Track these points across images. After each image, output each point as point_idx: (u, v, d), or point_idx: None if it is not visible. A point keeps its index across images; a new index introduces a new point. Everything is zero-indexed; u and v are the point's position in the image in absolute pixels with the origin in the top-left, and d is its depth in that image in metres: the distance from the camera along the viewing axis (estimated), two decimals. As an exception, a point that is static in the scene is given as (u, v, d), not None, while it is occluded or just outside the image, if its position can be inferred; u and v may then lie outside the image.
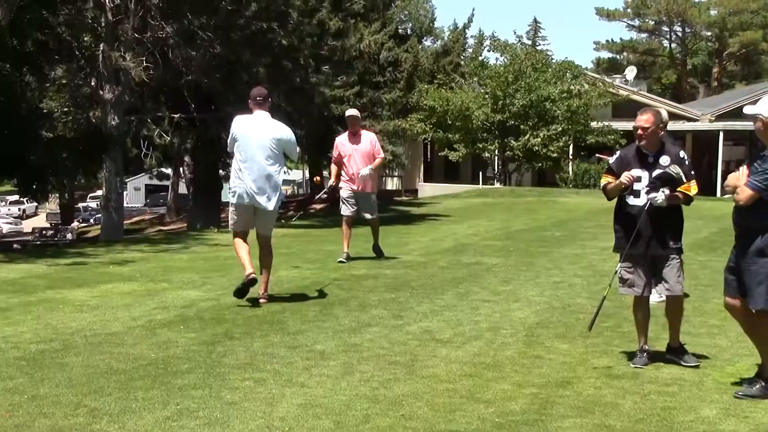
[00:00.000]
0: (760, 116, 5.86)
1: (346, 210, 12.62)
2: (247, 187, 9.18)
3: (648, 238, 6.69)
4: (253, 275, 8.99)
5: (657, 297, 9.60)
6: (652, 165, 6.69)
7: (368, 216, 12.77)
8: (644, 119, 6.71)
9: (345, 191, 12.61)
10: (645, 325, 6.90)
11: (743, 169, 5.97)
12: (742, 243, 6.01)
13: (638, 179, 6.69)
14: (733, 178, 6.02)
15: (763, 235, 5.87)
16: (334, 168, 13.04)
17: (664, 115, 9.24)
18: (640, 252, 6.73)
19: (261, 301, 9.14)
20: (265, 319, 8.31)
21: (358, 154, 12.52)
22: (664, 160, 6.68)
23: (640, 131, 6.70)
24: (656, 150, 6.72)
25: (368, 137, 12.76)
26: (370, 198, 12.71)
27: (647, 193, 6.64)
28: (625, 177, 6.68)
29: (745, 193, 5.86)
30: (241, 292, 9.08)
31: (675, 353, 6.77)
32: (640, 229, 6.66)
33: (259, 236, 9.43)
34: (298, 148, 9.61)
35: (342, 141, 12.74)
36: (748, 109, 6.05)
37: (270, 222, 9.47)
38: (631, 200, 6.76)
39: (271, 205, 9.25)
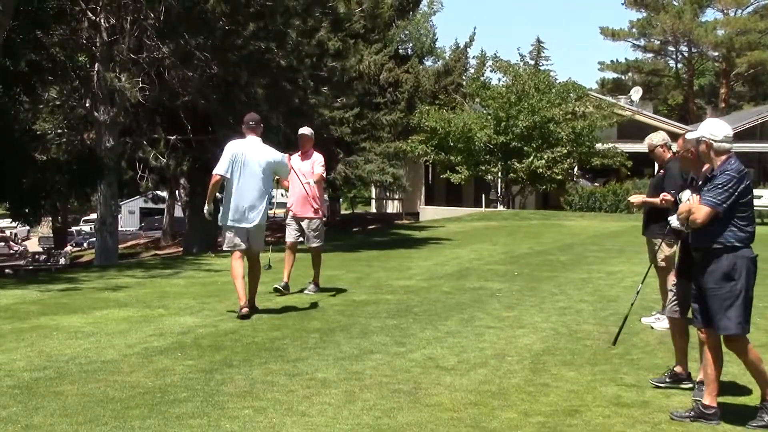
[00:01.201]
0: (704, 138, 5.96)
1: (287, 235, 11.97)
2: (243, 210, 10.02)
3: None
4: (246, 310, 9.79)
5: (652, 319, 9.63)
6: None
7: (309, 244, 12.02)
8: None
9: (288, 216, 12.08)
10: (682, 348, 6.92)
11: (694, 198, 6.03)
12: (704, 267, 5.98)
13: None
14: (683, 206, 6.07)
15: (727, 254, 5.87)
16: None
17: (659, 138, 9.33)
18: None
19: (243, 311, 9.78)
20: (264, 346, 8.30)
21: (302, 174, 11.76)
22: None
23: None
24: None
25: (315, 159, 12.00)
26: (310, 224, 11.94)
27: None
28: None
29: (701, 212, 5.87)
30: (245, 317, 9.75)
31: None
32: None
33: (251, 252, 10.19)
34: (288, 165, 10.64)
35: (294, 160, 11.97)
36: (690, 135, 6.15)
37: (261, 238, 10.33)
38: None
39: (263, 224, 10.14)
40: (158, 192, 47.58)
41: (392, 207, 54.22)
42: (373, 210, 59.97)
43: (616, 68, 78.86)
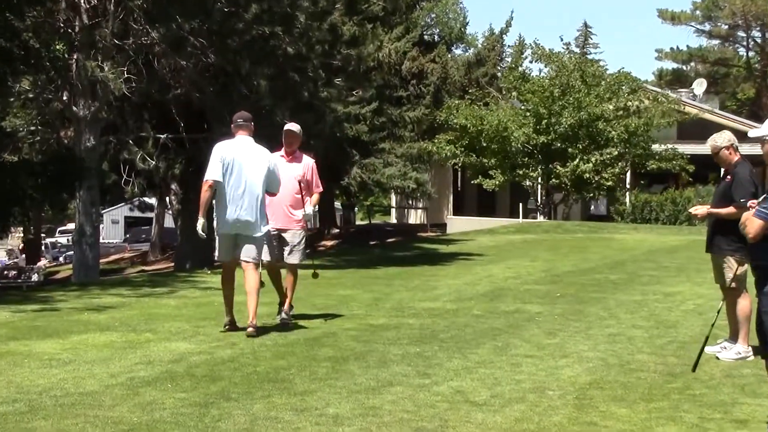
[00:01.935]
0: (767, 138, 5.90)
1: (266, 254, 11.09)
2: (239, 217, 10.40)
3: None
4: (229, 328, 10.43)
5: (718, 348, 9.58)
6: None
7: (288, 259, 11.54)
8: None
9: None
10: None
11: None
12: (760, 287, 5.94)
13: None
14: (744, 216, 6.03)
15: None
16: None
17: (724, 138, 9.27)
18: None
19: (249, 330, 10.21)
20: (267, 376, 8.32)
21: (287, 180, 11.25)
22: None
23: None
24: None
25: (306, 162, 11.62)
26: (295, 236, 11.52)
27: None
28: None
29: (753, 225, 5.83)
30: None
31: None
32: None
33: (244, 263, 10.55)
34: (279, 177, 10.74)
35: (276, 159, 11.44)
36: (753, 132, 6.08)
37: (258, 249, 10.57)
38: None
39: (259, 232, 10.52)
40: (146, 199, 47.81)
41: (415, 217, 54.20)
42: (393, 220, 59.94)
43: (676, 57, 78.62)
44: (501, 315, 12.33)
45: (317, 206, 11.98)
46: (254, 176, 10.40)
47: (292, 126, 11.76)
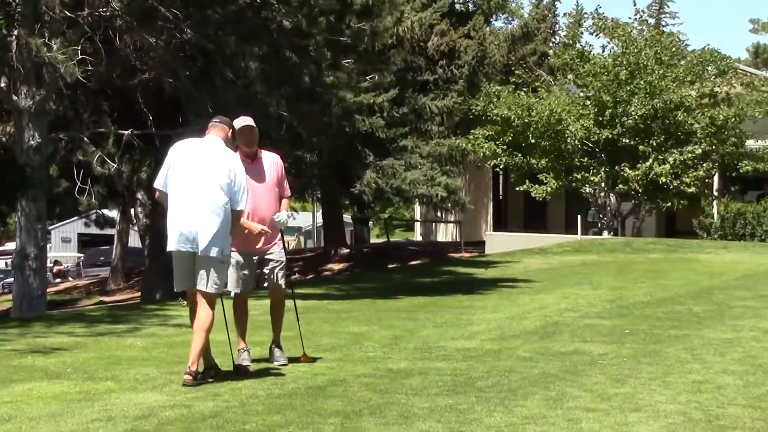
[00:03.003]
0: None
1: (233, 283, 11.48)
2: (189, 227, 10.38)
3: None
4: (189, 378, 10.32)
5: None
6: None
7: (275, 284, 11.75)
8: None
9: (238, 254, 11.47)
10: None
11: None
12: None
13: None
14: None
15: None
16: None
17: None
18: None
19: (186, 378, 10.27)
20: (258, 435, 8.33)
21: (261, 189, 11.49)
22: None
23: None
24: None
25: (272, 161, 11.80)
26: (276, 254, 11.70)
27: None
28: None
29: None
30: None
31: None
32: None
33: (198, 293, 10.57)
34: (244, 196, 10.70)
35: None
36: None
37: (212, 276, 10.52)
38: None
39: (214, 251, 10.40)
40: (105, 211, 47.99)
41: (445, 233, 54.17)
42: (418, 238, 59.94)
43: (776, 29, 78.57)
44: (555, 357, 12.30)
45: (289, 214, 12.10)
46: (210, 182, 10.43)
47: (249, 120, 11.79)
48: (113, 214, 50.21)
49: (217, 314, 10.78)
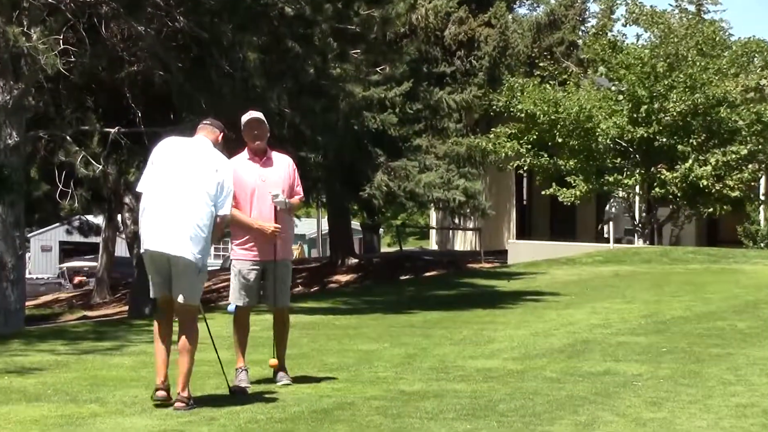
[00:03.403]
0: None
1: (237, 296, 11.65)
2: (164, 229, 10.36)
3: None
4: (162, 393, 10.42)
5: None
6: None
7: (277, 303, 11.83)
8: None
9: (243, 263, 11.68)
10: None
11: None
12: None
13: None
14: None
15: None
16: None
17: None
18: None
19: (177, 405, 10.26)
20: (257, 465, 8.28)
21: (268, 187, 11.59)
22: None
23: None
24: None
25: (285, 162, 11.97)
26: (282, 269, 11.79)
27: None
28: None
29: None
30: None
31: None
32: None
33: (176, 306, 10.57)
34: (231, 202, 10.85)
35: (239, 165, 11.69)
36: None
37: (190, 285, 10.50)
38: None
39: (190, 254, 10.33)
40: (90, 217, 48.04)
41: (464, 242, 54.26)
42: (433, 246, 60.06)
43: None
44: (584, 378, 12.27)
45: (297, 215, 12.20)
46: (193, 181, 10.47)
47: (256, 113, 11.94)
48: (98, 220, 50.28)
49: (201, 331, 10.76)
